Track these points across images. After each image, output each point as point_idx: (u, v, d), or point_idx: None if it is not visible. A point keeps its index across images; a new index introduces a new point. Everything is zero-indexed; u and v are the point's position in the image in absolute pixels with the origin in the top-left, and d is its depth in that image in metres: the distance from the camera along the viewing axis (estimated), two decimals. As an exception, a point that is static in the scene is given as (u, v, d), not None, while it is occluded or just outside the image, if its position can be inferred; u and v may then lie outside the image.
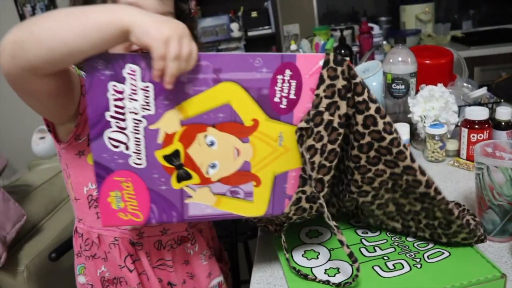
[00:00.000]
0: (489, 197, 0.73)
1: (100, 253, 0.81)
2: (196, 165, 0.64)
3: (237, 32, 3.33)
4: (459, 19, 2.99)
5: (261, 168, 0.66)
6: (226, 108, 0.62)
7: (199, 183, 0.65)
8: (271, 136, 0.65)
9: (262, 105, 0.63)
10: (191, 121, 0.62)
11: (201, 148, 0.64)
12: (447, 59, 1.34)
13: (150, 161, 0.63)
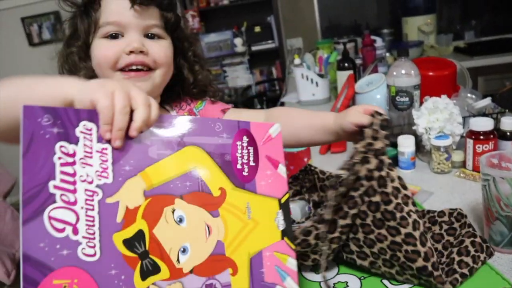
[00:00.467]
0: (497, 208, 0.73)
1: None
2: (164, 251, 0.52)
3: (240, 47, 3.37)
4: (461, 30, 3.01)
5: (235, 249, 0.56)
6: (193, 176, 0.55)
7: (169, 278, 0.51)
8: (239, 207, 0.57)
9: (227, 172, 0.57)
10: (157, 192, 0.52)
11: (169, 227, 0.52)
12: (450, 70, 1.35)
13: (106, 250, 0.48)
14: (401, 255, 0.65)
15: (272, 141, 0.61)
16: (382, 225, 0.66)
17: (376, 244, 0.66)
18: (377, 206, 0.66)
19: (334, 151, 1.34)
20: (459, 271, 0.65)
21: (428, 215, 0.79)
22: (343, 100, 1.34)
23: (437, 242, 0.74)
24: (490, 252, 0.69)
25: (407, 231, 0.65)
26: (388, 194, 0.65)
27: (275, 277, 0.58)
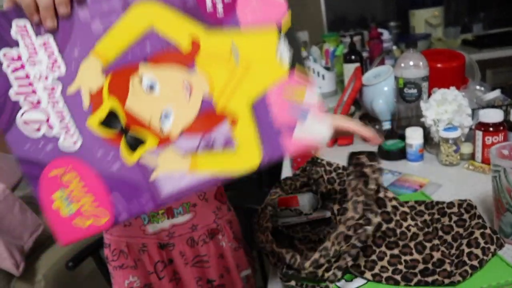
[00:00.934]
0: (507, 200, 0.72)
1: (129, 262, 0.79)
2: (144, 122, 0.50)
3: (246, 40, 3.36)
4: (469, 22, 2.98)
5: (228, 100, 0.50)
6: (152, 35, 0.48)
7: (158, 145, 0.50)
8: (221, 53, 0.49)
9: (194, 18, 0.48)
10: (115, 65, 0.49)
11: (140, 96, 0.49)
12: (459, 62, 1.33)
13: (86, 136, 0.49)
14: (401, 267, 0.66)
15: None
16: (382, 243, 0.68)
17: (377, 264, 0.67)
18: (379, 225, 0.69)
19: (341, 143, 1.33)
20: (469, 263, 0.64)
21: (437, 206, 0.78)
22: (350, 92, 1.33)
23: (447, 233, 0.73)
24: (501, 243, 0.69)
25: (405, 243, 0.68)
26: (389, 213, 0.69)
27: (289, 118, 0.51)
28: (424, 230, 0.70)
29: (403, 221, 0.70)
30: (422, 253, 0.67)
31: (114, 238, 0.79)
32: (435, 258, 0.66)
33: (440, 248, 0.68)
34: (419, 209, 0.79)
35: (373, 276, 0.67)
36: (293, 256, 0.71)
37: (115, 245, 0.79)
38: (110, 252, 0.80)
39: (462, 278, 0.63)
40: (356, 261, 0.68)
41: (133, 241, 0.78)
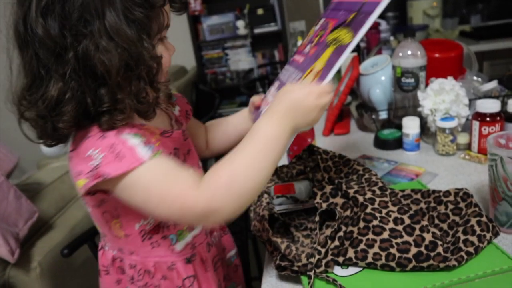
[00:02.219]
0: (503, 189, 0.72)
1: (154, 281, 0.78)
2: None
3: (243, 29, 3.33)
4: (468, 14, 2.97)
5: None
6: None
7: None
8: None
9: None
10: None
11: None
12: (456, 52, 1.33)
13: None
14: (394, 250, 0.66)
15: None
16: (368, 230, 0.69)
17: (368, 252, 0.67)
18: (358, 217, 0.71)
19: (337, 132, 1.33)
20: (465, 249, 0.65)
21: (433, 195, 0.78)
22: (347, 81, 1.33)
23: (443, 221, 0.74)
24: (496, 231, 0.69)
25: (391, 227, 0.68)
26: (363, 204, 0.72)
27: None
28: (408, 213, 0.71)
29: (383, 208, 0.72)
30: (412, 234, 0.67)
31: (141, 259, 0.78)
32: (427, 241, 0.66)
33: (430, 229, 0.68)
34: (415, 197, 0.80)
35: (367, 265, 0.68)
36: (288, 247, 0.71)
37: (141, 265, 0.78)
38: (136, 272, 0.78)
39: (457, 263, 0.63)
40: (346, 255, 0.69)
41: (162, 260, 0.78)
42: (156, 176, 0.61)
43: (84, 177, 0.61)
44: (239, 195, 0.60)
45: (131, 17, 0.59)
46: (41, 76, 0.61)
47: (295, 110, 0.65)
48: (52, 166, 1.79)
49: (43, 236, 1.34)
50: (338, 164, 0.92)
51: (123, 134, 0.63)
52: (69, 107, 0.60)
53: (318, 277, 0.67)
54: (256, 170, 0.62)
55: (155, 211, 0.64)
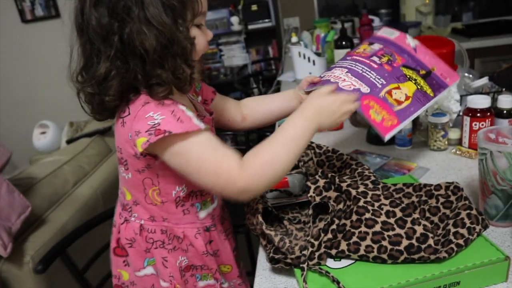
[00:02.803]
0: (493, 182, 0.73)
1: (182, 245, 0.86)
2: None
3: (237, 25, 3.33)
4: (459, 11, 2.99)
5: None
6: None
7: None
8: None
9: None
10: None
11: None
12: (448, 49, 1.34)
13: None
14: (386, 243, 0.67)
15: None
16: (360, 223, 0.70)
17: (360, 245, 0.68)
18: (350, 210, 0.72)
19: (330, 128, 1.34)
20: (455, 241, 0.66)
21: (424, 188, 0.79)
22: (340, 77, 1.34)
23: (434, 215, 0.75)
24: (486, 224, 0.70)
25: (383, 220, 0.70)
26: (355, 197, 0.74)
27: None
28: (399, 206, 0.72)
29: (375, 202, 0.73)
30: (403, 227, 0.69)
31: (172, 226, 0.85)
32: (418, 233, 0.67)
33: (421, 221, 0.69)
34: (407, 191, 0.81)
35: (360, 257, 0.69)
36: (281, 240, 0.71)
37: (171, 231, 0.85)
38: (167, 236, 0.85)
39: (447, 255, 0.64)
40: (339, 248, 0.70)
41: (189, 227, 0.86)
42: (208, 148, 0.72)
43: (144, 135, 0.69)
44: (271, 177, 0.72)
45: (168, 4, 0.69)
46: (92, 58, 0.72)
47: (321, 113, 0.78)
48: (45, 160, 1.78)
49: (36, 230, 1.34)
50: (331, 158, 0.93)
51: (180, 105, 0.73)
52: (114, 82, 0.71)
53: (311, 269, 0.68)
54: (286, 158, 0.73)
55: (201, 179, 0.72)
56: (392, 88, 0.85)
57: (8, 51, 3.52)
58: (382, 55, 0.91)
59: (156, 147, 0.71)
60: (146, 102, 0.72)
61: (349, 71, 0.88)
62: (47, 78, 3.51)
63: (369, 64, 0.89)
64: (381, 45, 0.94)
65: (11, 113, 3.70)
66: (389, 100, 0.84)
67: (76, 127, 2.94)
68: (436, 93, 0.87)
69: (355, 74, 0.87)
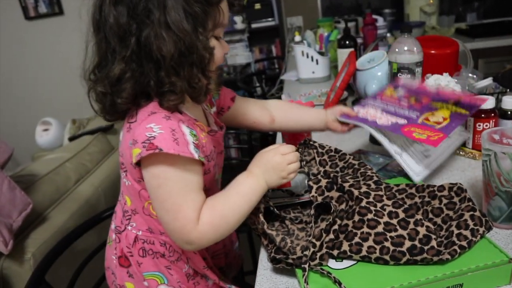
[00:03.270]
0: (496, 184, 0.73)
1: (183, 257, 0.86)
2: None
3: (240, 24, 3.32)
4: (464, 11, 2.98)
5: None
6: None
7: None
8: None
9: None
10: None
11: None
12: (452, 49, 1.33)
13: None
14: (388, 244, 0.67)
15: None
16: (363, 224, 0.70)
17: (363, 245, 0.68)
18: (353, 211, 0.72)
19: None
20: (458, 243, 0.65)
21: (427, 189, 0.79)
22: (344, 76, 1.33)
23: (437, 216, 0.74)
24: (489, 226, 0.70)
25: (385, 220, 0.69)
26: (358, 197, 0.73)
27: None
28: (402, 207, 0.72)
29: (378, 202, 0.72)
30: (406, 228, 0.68)
31: (169, 240, 0.83)
32: (421, 234, 0.67)
33: (424, 223, 0.69)
34: (410, 191, 0.80)
35: (362, 258, 0.68)
36: (283, 240, 0.71)
37: (169, 244, 0.84)
38: (167, 249, 0.84)
39: (450, 257, 0.63)
40: (341, 248, 0.69)
41: None
42: (183, 188, 0.71)
43: (139, 146, 0.68)
44: (222, 233, 0.74)
45: (189, 11, 0.67)
46: (107, 57, 0.71)
47: (267, 168, 0.78)
48: (47, 158, 1.78)
49: (37, 227, 1.34)
50: (333, 158, 0.92)
51: (184, 126, 0.72)
52: (128, 84, 0.69)
53: (312, 270, 0.68)
54: (238, 215, 0.74)
55: (161, 211, 0.72)
56: (427, 115, 0.92)
57: (11, 48, 3.52)
58: (409, 97, 0.99)
59: (145, 160, 0.71)
60: (153, 112, 0.71)
61: (384, 110, 0.97)
62: (50, 75, 3.51)
63: (400, 104, 0.98)
64: (405, 90, 1.02)
65: (14, 110, 3.70)
66: (428, 124, 0.89)
67: (79, 125, 2.95)
68: (471, 111, 0.91)
69: (390, 112, 0.95)
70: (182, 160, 0.69)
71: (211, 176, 0.82)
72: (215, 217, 0.73)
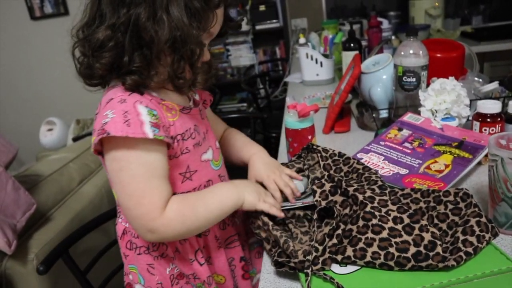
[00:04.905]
0: (503, 190, 0.72)
1: (168, 251, 0.82)
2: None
3: (245, 25, 3.32)
4: (469, 14, 2.97)
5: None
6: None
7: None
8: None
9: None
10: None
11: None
12: (458, 52, 1.33)
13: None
14: (393, 250, 0.66)
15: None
16: (367, 229, 0.69)
17: (367, 251, 0.67)
18: (357, 215, 0.71)
19: (337, 130, 1.33)
20: (464, 249, 0.65)
21: (433, 194, 0.78)
22: (349, 79, 1.33)
23: (442, 221, 0.74)
24: (495, 232, 0.69)
25: (390, 226, 0.68)
26: (362, 202, 0.73)
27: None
28: (407, 212, 0.71)
29: (383, 207, 0.72)
30: (411, 234, 0.67)
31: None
32: (426, 240, 0.66)
33: (430, 228, 0.68)
34: (415, 196, 0.80)
35: (366, 264, 0.68)
36: (286, 242, 0.71)
37: None
38: (151, 243, 0.82)
39: (456, 263, 0.63)
40: (345, 253, 0.68)
41: None
42: (146, 172, 0.69)
43: (95, 134, 0.68)
44: (185, 230, 0.73)
45: (189, 5, 0.68)
46: (95, 18, 0.70)
47: (250, 187, 0.81)
48: (51, 158, 1.78)
49: (41, 228, 1.34)
50: (338, 162, 0.92)
51: (141, 106, 0.70)
52: (108, 53, 0.69)
53: (315, 275, 0.67)
54: (207, 216, 0.75)
55: (122, 197, 0.71)
56: (429, 163, 0.93)
57: (17, 48, 3.54)
58: (412, 140, 1.02)
59: (103, 147, 0.71)
60: (110, 98, 0.71)
61: (386, 158, 0.98)
62: (55, 75, 3.52)
63: (402, 150, 1.00)
64: (410, 131, 1.05)
65: (19, 110, 3.71)
66: (429, 173, 0.91)
67: (83, 125, 2.96)
68: (475, 154, 0.93)
69: (392, 161, 0.97)
70: (141, 142, 0.68)
71: (193, 156, 0.80)
72: (185, 206, 0.72)
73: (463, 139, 0.97)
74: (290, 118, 1.05)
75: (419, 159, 0.96)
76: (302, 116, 1.03)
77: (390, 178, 0.91)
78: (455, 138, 0.99)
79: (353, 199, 0.75)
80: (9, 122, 3.69)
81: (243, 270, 0.92)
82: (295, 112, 1.03)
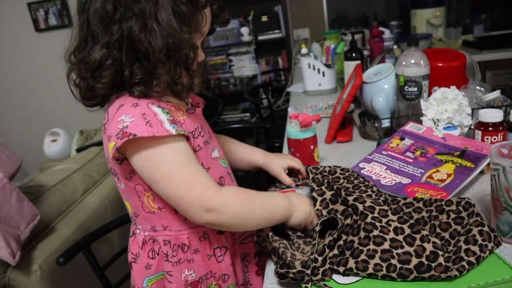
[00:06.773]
0: (505, 198, 0.72)
1: (187, 255, 0.82)
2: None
3: (247, 36, 3.34)
4: (471, 23, 2.98)
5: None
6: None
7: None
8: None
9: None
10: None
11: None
12: (460, 62, 1.33)
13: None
14: (395, 261, 0.66)
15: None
16: (369, 241, 0.69)
17: (369, 263, 0.67)
18: (358, 226, 0.71)
19: (339, 140, 1.33)
20: (466, 259, 0.65)
21: (435, 203, 0.78)
22: (350, 89, 1.33)
23: (444, 231, 0.74)
24: (498, 241, 0.69)
25: (391, 237, 0.68)
26: (363, 212, 0.72)
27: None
28: (408, 222, 0.71)
29: (383, 217, 0.72)
30: (412, 245, 0.67)
31: (174, 234, 0.80)
32: (428, 251, 0.66)
33: (431, 238, 0.68)
34: (417, 205, 0.80)
35: (368, 275, 0.67)
36: (284, 253, 0.71)
37: (174, 240, 0.81)
38: (170, 248, 0.81)
39: (458, 273, 0.63)
40: (347, 265, 0.68)
41: (195, 231, 0.81)
42: (183, 159, 0.70)
43: (113, 139, 0.68)
44: (242, 216, 0.72)
45: (177, 10, 0.68)
46: (87, 40, 0.71)
47: (301, 207, 0.80)
48: (55, 169, 1.79)
49: (45, 239, 1.34)
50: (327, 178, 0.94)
51: (154, 107, 0.71)
52: (108, 72, 0.69)
53: (315, 285, 0.67)
54: (261, 211, 0.75)
55: (170, 188, 0.70)
56: (431, 173, 0.94)
57: (21, 59, 3.57)
58: (414, 149, 1.02)
59: (126, 151, 0.71)
60: (120, 105, 0.71)
61: (388, 167, 0.99)
62: (59, 86, 3.53)
63: (404, 159, 1.00)
64: (412, 140, 1.05)
65: (23, 121, 3.74)
66: (432, 182, 0.91)
67: (86, 136, 2.97)
68: (477, 163, 0.93)
69: (394, 171, 0.97)
70: (161, 139, 0.69)
71: (205, 153, 0.81)
72: (243, 193, 0.74)
73: (465, 148, 0.97)
74: (292, 128, 1.05)
75: (421, 168, 0.95)
76: (304, 126, 1.03)
77: (392, 188, 0.91)
78: (457, 147, 0.99)
79: (353, 209, 0.75)
80: (14, 133, 3.71)
81: (257, 266, 0.92)
82: (297, 122, 1.04)
